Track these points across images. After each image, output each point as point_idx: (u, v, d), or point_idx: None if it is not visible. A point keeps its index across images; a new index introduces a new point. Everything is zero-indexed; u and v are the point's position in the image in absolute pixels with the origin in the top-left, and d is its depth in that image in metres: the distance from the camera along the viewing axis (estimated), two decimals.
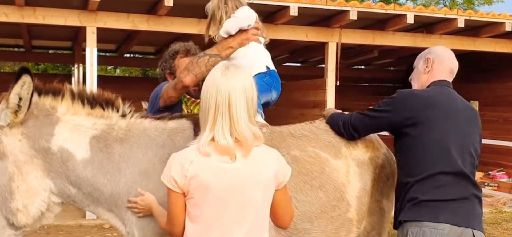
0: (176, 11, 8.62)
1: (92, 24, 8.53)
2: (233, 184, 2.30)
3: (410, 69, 3.56)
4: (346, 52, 11.63)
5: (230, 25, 3.22)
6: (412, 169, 3.07)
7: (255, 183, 2.34)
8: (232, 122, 2.27)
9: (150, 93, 3.72)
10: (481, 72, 12.60)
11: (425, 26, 10.05)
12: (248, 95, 2.31)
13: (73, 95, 2.85)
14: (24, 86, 2.59)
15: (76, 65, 13.00)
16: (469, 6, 24.96)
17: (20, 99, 2.62)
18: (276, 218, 2.51)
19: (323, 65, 12.05)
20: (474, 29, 10.14)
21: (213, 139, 2.29)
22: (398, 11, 9.38)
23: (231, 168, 2.30)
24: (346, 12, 9.01)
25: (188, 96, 3.79)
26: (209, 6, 3.37)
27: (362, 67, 16.20)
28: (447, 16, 9.54)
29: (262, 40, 3.39)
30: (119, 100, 2.93)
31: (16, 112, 2.65)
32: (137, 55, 15.71)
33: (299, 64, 16.01)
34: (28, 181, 2.68)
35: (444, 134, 3.03)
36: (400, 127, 3.10)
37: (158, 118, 2.95)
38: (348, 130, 3.28)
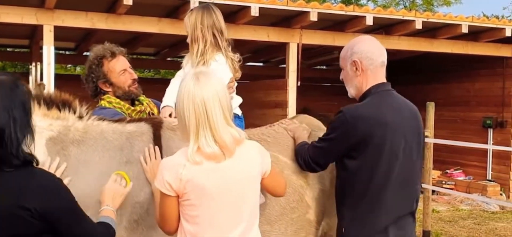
0: (135, 10, 8.51)
1: (49, 22, 8.33)
2: (226, 181, 2.42)
3: None
4: (307, 52, 11.68)
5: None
6: (353, 197, 3.02)
7: (244, 178, 2.48)
8: (212, 130, 2.38)
9: None
10: (439, 72, 12.85)
11: (384, 27, 10.20)
12: (221, 100, 2.42)
13: (33, 96, 2.77)
14: None
15: (33, 64, 12.68)
16: (429, 7, 25.44)
17: None
18: (271, 193, 2.78)
19: (284, 65, 12.15)
20: (431, 30, 10.33)
21: (198, 149, 2.39)
22: (357, 12, 9.48)
23: (221, 167, 2.41)
24: (306, 13, 9.05)
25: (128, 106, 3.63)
26: (187, 24, 3.40)
27: (324, 67, 16.35)
28: (405, 17, 9.69)
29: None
30: (76, 102, 2.86)
31: None
32: None
33: (261, 64, 16.05)
34: None
35: (388, 169, 2.96)
36: (348, 151, 3.00)
37: (116, 121, 2.90)
38: (311, 166, 3.17)
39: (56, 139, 2.74)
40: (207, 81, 2.41)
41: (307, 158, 3.14)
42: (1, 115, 2.16)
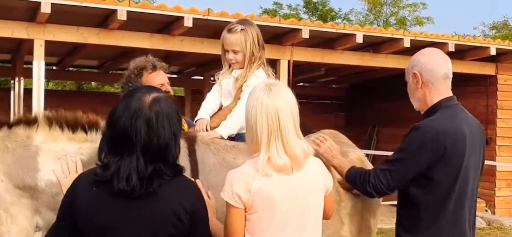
0: (127, 25, 8.48)
1: (40, 36, 8.23)
2: (294, 194, 2.40)
3: (353, 87, 3.49)
4: (294, 69, 11.75)
5: (234, 129, 3.30)
6: (429, 216, 2.95)
7: (311, 191, 2.48)
8: (284, 141, 2.37)
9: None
10: None
11: (372, 45, 10.32)
12: (293, 111, 2.43)
13: (49, 121, 2.70)
14: None
15: (16, 79, 12.48)
16: (402, 26, 25.88)
17: None
18: (324, 213, 2.67)
19: None
20: (418, 48, 10.44)
21: (269, 160, 2.38)
22: (347, 30, 9.59)
23: (290, 180, 2.40)
24: (298, 31, 9.14)
25: None
26: (238, 42, 3.35)
27: (306, 84, 16.44)
28: (394, 36, 9.86)
29: None
30: (103, 122, 2.80)
31: None
32: (81, 69, 15.27)
33: None
34: (18, 223, 2.51)
35: (464, 185, 2.94)
36: (427, 168, 2.90)
37: None
38: (382, 191, 2.99)
39: (87, 162, 2.67)
40: (279, 92, 2.42)
41: (378, 183, 2.97)
42: (166, 132, 2.23)
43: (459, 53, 10.77)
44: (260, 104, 2.39)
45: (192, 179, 2.56)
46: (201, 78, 14.39)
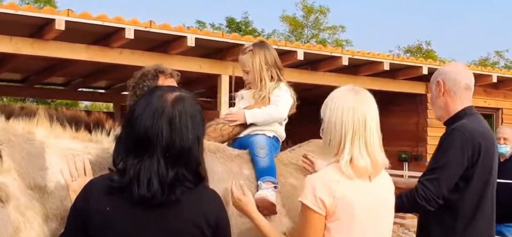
0: (63, 36, 8.06)
1: None
2: (372, 203, 2.36)
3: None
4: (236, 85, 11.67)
5: (261, 118, 3.28)
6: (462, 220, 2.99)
7: (386, 202, 2.45)
8: (367, 144, 2.34)
9: None
10: None
11: (311, 63, 10.42)
12: (376, 118, 2.38)
13: (50, 116, 2.41)
14: None
15: None
16: (339, 44, 26.54)
17: None
18: None
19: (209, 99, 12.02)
20: (356, 66, 10.70)
21: (351, 161, 2.32)
22: (289, 47, 9.63)
23: (369, 187, 2.36)
24: (240, 46, 9.06)
25: None
26: (248, 63, 3.39)
27: None
28: (333, 54, 10.00)
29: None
30: (110, 122, 2.55)
31: None
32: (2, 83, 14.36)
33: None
34: (35, 229, 2.20)
35: (493, 187, 3.03)
36: (466, 169, 2.96)
37: None
38: (434, 202, 2.97)
39: (95, 163, 2.42)
40: (367, 97, 2.41)
41: (428, 194, 2.94)
42: (190, 134, 2.02)
43: (392, 72, 11.08)
44: (347, 106, 2.35)
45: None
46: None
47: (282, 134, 3.43)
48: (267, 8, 69.96)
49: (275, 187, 2.99)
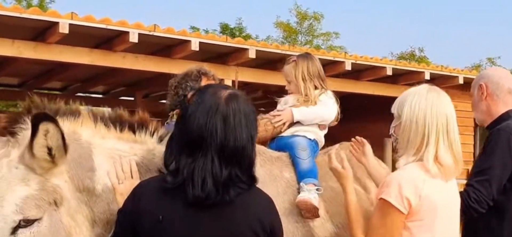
0: (66, 40, 7.96)
1: None
2: (449, 202, 2.40)
3: None
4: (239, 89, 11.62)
5: (309, 116, 3.27)
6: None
7: (457, 202, 2.50)
8: (450, 142, 2.38)
9: None
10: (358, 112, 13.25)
11: None
12: (456, 121, 2.45)
13: (94, 116, 2.33)
14: (47, 135, 1.99)
15: None
16: (334, 50, 26.52)
17: (50, 149, 2.03)
18: None
19: None
20: (359, 72, 10.66)
21: (435, 158, 2.35)
22: (292, 51, 9.56)
23: (446, 186, 2.38)
24: (244, 50, 9.01)
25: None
26: (291, 74, 3.36)
27: None
28: (336, 59, 9.96)
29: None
30: (154, 123, 2.46)
31: (50, 162, 2.06)
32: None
33: None
34: (84, 234, 2.12)
35: None
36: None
37: None
38: (486, 204, 2.94)
39: (140, 165, 2.33)
40: (446, 98, 2.46)
41: (480, 196, 2.90)
42: (243, 133, 1.96)
43: (394, 78, 11.05)
44: (430, 104, 2.39)
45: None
46: (132, 99, 13.86)
47: (321, 139, 3.40)
48: (261, 14, 70.01)
49: (317, 190, 2.93)
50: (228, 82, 9.53)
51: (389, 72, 10.34)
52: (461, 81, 11.21)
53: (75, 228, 2.10)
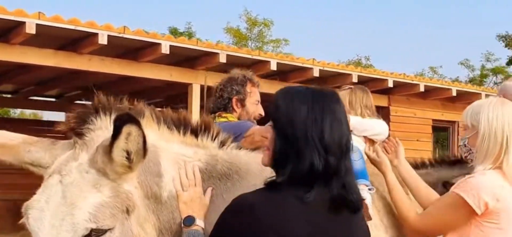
0: (30, 41, 7.60)
1: None
2: None
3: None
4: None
5: (364, 125, 3.31)
6: None
7: None
8: None
9: None
10: None
11: (280, 73, 10.32)
12: None
13: (157, 118, 2.16)
14: (129, 138, 1.83)
15: None
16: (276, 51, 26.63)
17: (129, 153, 1.86)
18: None
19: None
20: (326, 78, 10.66)
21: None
22: (262, 57, 9.50)
23: None
24: (214, 54, 8.86)
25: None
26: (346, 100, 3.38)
27: None
28: (304, 65, 9.95)
29: None
30: (216, 126, 2.31)
31: (127, 167, 1.90)
32: None
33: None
34: None
35: None
36: None
37: (254, 149, 2.38)
38: None
39: (204, 171, 2.16)
40: None
41: None
42: (347, 134, 1.87)
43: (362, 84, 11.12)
44: (507, 116, 2.54)
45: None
46: (89, 103, 13.35)
47: (364, 154, 3.33)
48: (211, 19, 69.61)
49: (369, 190, 2.94)
50: (197, 87, 9.37)
51: (355, 79, 10.42)
52: (422, 89, 11.50)
53: None
